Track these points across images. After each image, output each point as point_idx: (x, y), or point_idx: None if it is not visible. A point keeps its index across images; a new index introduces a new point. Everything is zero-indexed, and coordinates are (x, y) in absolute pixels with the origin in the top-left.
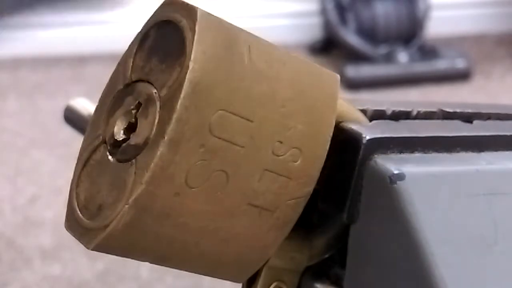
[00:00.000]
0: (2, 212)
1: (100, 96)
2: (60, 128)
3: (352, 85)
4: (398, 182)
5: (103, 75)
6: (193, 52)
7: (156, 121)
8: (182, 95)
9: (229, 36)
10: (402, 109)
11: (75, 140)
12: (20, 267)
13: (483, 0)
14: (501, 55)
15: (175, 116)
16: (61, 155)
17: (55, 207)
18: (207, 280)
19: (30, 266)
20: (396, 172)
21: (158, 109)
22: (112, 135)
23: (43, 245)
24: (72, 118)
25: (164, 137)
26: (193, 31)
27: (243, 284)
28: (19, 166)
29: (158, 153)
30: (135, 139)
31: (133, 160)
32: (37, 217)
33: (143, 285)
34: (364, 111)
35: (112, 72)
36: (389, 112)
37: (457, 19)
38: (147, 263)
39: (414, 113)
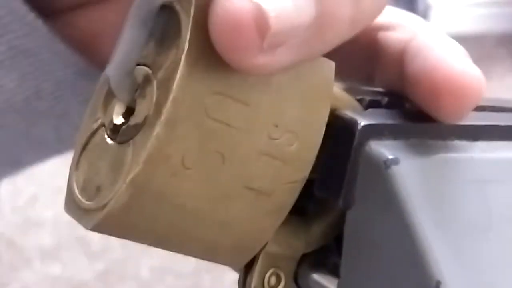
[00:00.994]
0: (2, 212)
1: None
2: None
3: None
4: (392, 166)
5: None
6: (189, 34)
7: (154, 101)
8: (178, 76)
9: None
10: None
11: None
12: (20, 267)
13: (483, 0)
14: (501, 55)
15: (171, 96)
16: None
17: (55, 207)
18: (207, 280)
19: (30, 266)
20: (390, 157)
21: (155, 89)
22: (111, 120)
23: (43, 245)
24: None
25: (161, 117)
26: (188, 14)
27: (240, 274)
28: None
29: (155, 133)
30: (134, 119)
31: (131, 141)
32: (37, 217)
33: (143, 285)
34: (360, 101)
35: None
36: (384, 101)
37: (457, 19)
38: (147, 263)
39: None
